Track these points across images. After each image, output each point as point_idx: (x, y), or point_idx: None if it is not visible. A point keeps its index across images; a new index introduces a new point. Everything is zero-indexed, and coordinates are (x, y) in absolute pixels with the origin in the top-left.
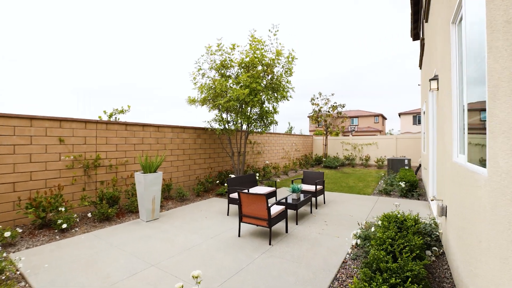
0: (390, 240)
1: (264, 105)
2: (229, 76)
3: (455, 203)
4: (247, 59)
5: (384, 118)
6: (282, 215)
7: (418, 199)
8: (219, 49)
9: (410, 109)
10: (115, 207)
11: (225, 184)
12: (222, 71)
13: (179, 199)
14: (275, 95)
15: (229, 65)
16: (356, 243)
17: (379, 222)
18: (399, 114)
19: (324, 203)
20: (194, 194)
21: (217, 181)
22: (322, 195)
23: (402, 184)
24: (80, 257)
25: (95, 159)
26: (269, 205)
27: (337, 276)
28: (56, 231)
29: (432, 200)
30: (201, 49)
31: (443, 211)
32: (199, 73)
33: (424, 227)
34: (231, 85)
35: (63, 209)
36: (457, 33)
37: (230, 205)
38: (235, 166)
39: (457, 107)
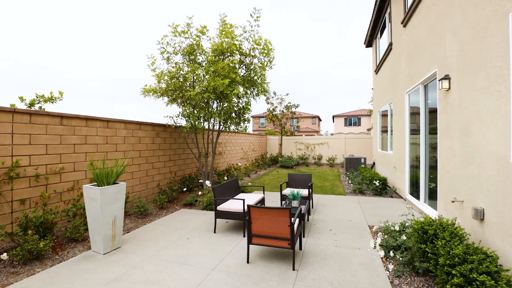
0: (472, 256)
1: (240, 100)
2: (199, 64)
3: None
4: (224, 44)
5: (319, 119)
6: (298, 230)
7: (392, 197)
8: (186, 31)
9: (342, 112)
10: (49, 237)
11: (199, 193)
12: (191, 57)
13: (139, 215)
14: (252, 89)
15: (197, 50)
16: (385, 255)
17: (398, 228)
18: (333, 117)
19: (312, 207)
20: (157, 206)
21: (184, 189)
22: (311, 199)
23: (377, 183)
24: None
25: (10, 167)
26: (292, 220)
27: None
28: None
29: (452, 201)
30: (158, 33)
31: (478, 214)
32: (163, 57)
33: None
34: (203, 73)
35: None
36: None
37: (217, 219)
38: (202, 169)
39: None
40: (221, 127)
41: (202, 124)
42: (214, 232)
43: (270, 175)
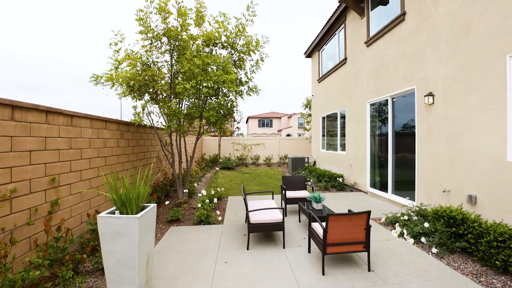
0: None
1: (229, 97)
2: (186, 50)
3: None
4: (216, 33)
5: (234, 120)
6: None
7: (352, 191)
8: (165, 8)
9: (256, 114)
10: None
11: (199, 205)
12: (180, 43)
13: None
14: (241, 87)
15: (183, 35)
16: (415, 241)
17: (407, 217)
18: (248, 118)
19: None
20: None
21: (167, 202)
22: None
23: (340, 179)
24: None
25: None
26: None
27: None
28: None
29: (443, 191)
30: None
31: (472, 199)
32: (147, 36)
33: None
34: (200, 64)
35: None
36: None
37: (234, 232)
38: (176, 177)
39: None
40: (218, 126)
41: (189, 124)
42: (247, 248)
43: (219, 178)
